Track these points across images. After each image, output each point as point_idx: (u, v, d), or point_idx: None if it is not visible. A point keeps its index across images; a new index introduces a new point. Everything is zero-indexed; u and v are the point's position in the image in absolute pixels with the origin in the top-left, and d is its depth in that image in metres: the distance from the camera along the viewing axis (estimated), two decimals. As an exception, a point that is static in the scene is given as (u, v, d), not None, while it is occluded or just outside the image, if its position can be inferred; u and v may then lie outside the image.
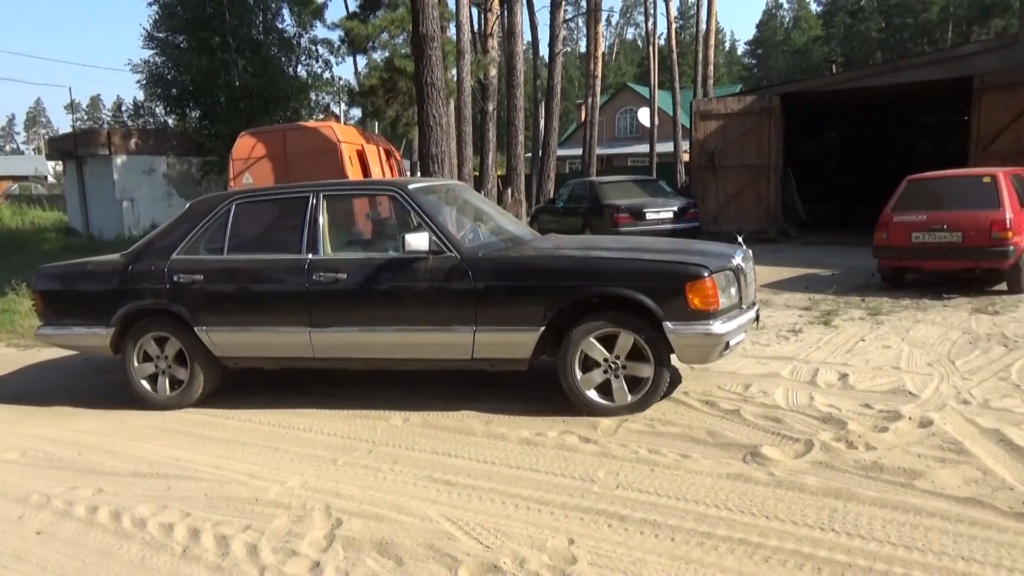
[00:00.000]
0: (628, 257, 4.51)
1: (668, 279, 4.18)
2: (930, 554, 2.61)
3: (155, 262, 4.94)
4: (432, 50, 9.10)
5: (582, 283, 4.28)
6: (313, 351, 4.72)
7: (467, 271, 4.40)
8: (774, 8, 78.79)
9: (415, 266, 4.47)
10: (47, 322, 5.32)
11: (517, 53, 16.62)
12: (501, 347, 4.45)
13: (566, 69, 54.71)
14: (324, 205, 4.82)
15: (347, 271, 4.58)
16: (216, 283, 4.82)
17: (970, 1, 59.36)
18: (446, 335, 4.45)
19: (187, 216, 5.12)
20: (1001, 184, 7.95)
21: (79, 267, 5.35)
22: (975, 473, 3.27)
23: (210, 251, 4.95)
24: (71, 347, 5.57)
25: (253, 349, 4.89)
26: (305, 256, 4.70)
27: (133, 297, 4.94)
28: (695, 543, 2.80)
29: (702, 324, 4.12)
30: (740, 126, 15.32)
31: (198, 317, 4.81)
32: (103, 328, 5.01)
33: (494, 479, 3.51)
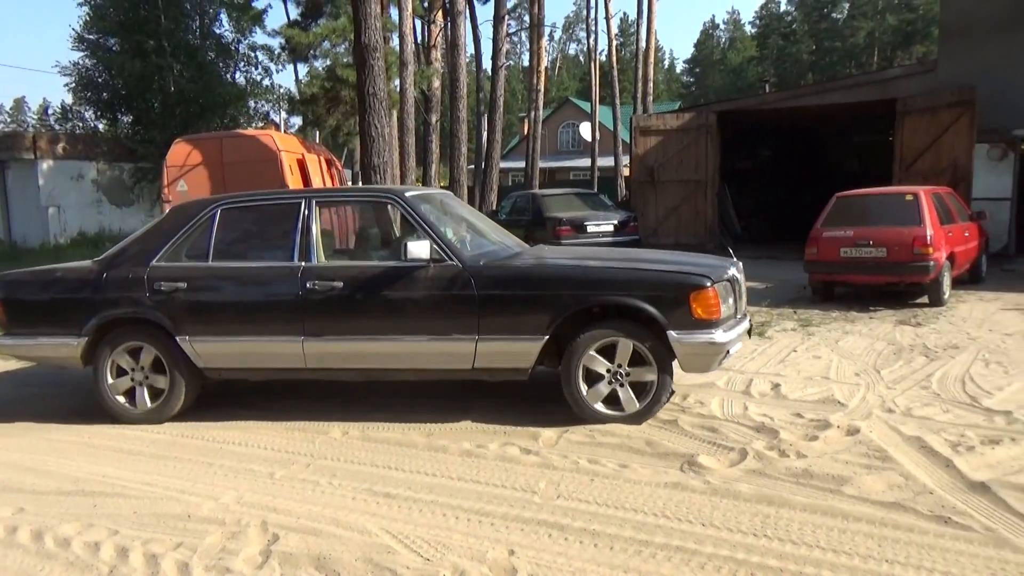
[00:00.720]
0: (632, 267, 4.50)
1: (673, 289, 4.22)
2: (856, 557, 2.71)
3: (133, 269, 4.70)
4: (375, 60, 9.06)
5: (588, 292, 4.28)
6: (305, 361, 4.57)
7: (469, 279, 4.35)
8: (711, 28, 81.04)
9: (415, 274, 4.40)
10: (8, 332, 4.97)
11: (460, 65, 16.66)
12: (503, 357, 4.40)
13: (509, 82, 55.15)
14: (317, 212, 4.69)
15: (343, 279, 4.47)
16: (201, 291, 4.63)
17: (894, 28, 62.25)
18: (447, 344, 4.38)
19: (167, 222, 4.90)
20: (923, 202, 8.34)
21: (46, 274, 5.06)
22: (898, 479, 3.40)
23: (193, 258, 4.74)
24: (35, 359, 5.20)
25: (240, 359, 4.70)
26: (298, 264, 4.56)
27: (108, 306, 4.70)
28: (633, 551, 2.84)
29: (705, 333, 4.17)
30: (679, 142, 15.68)
31: (181, 326, 4.61)
32: (73, 338, 4.74)
33: (435, 491, 3.49)
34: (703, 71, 76.86)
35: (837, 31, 66.76)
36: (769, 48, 70.81)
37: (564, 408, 4.67)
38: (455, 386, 5.27)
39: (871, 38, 63.83)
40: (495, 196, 20.21)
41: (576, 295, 4.26)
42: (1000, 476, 3.40)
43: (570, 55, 77.56)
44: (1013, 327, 7.05)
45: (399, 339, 4.43)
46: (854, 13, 66.71)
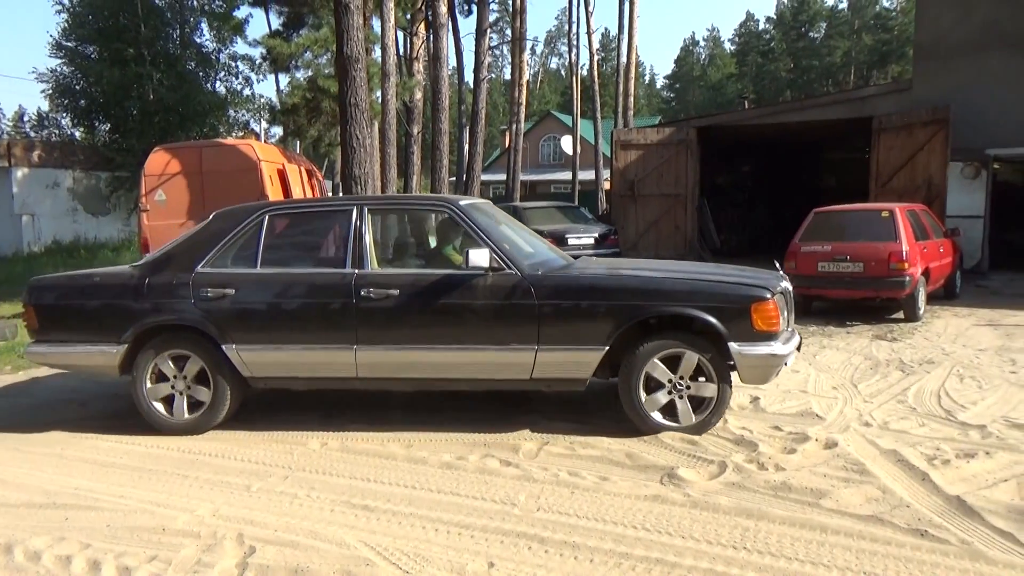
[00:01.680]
0: (693, 278, 4.46)
1: (734, 300, 4.22)
2: (835, 570, 2.72)
3: (177, 275, 4.59)
4: (356, 71, 9.05)
5: (650, 303, 4.25)
6: (357, 370, 4.48)
7: (529, 289, 4.30)
8: (691, 45, 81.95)
9: (474, 283, 4.34)
10: (41, 339, 4.82)
11: (442, 77, 16.70)
12: (563, 367, 4.36)
13: (491, 95, 55.32)
14: (369, 219, 4.62)
15: (399, 287, 4.40)
16: (250, 298, 4.53)
17: (870, 48, 63.36)
18: (506, 354, 4.32)
19: (211, 227, 4.78)
20: (898, 219, 8.46)
21: (83, 279, 4.91)
22: (876, 492, 3.43)
23: (241, 264, 4.63)
24: (68, 367, 5.04)
25: (289, 368, 4.59)
26: (351, 271, 4.47)
27: (151, 312, 4.58)
28: (613, 564, 2.83)
29: (765, 345, 4.20)
30: (659, 156, 15.81)
31: (227, 334, 4.50)
32: (112, 346, 4.60)
33: (414, 504, 3.47)
34: (683, 87, 77.66)
35: (815, 50, 67.85)
36: (748, 65, 71.78)
37: (544, 420, 4.68)
38: (434, 396, 5.25)
39: (848, 57, 64.93)
40: (476, 208, 20.22)
41: (638, 305, 4.24)
42: (975, 489, 3.44)
43: (552, 69, 78.04)
44: (986, 342, 7.16)
45: (456, 348, 4.37)
46: (831, 32, 67.88)
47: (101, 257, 16.95)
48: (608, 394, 5.21)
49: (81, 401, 5.62)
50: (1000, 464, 3.77)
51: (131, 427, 4.80)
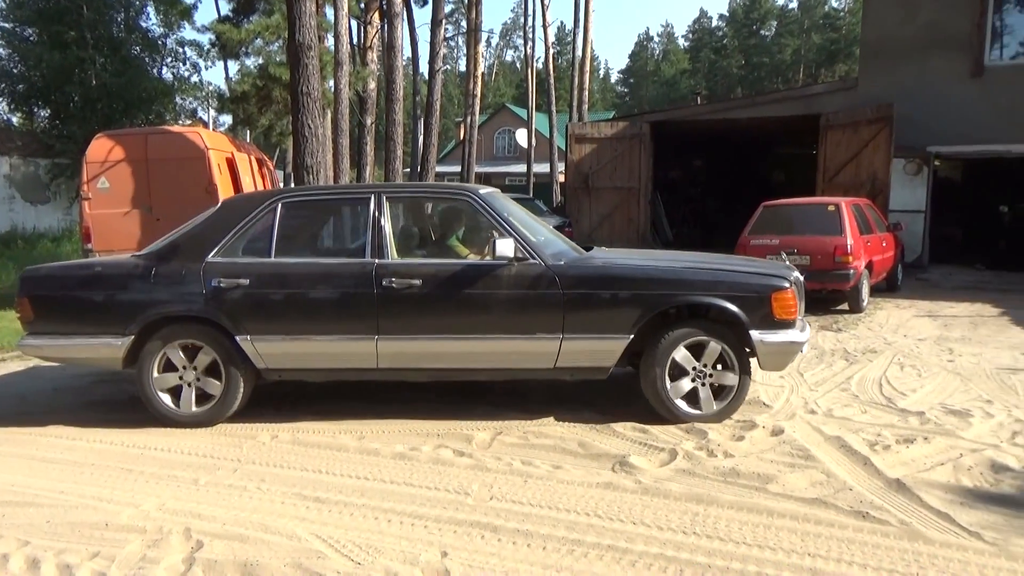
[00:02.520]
0: (715, 268, 4.53)
1: (756, 289, 4.33)
2: (780, 552, 2.79)
3: (186, 265, 4.45)
4: (309, 59, 8.90)
5: (674, 292, 4.31)
6: (378, 361, 4.42)
7: (555, 279, 4.31)
8: (645, 40, 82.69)
9: (498, 272, 4.32)
10: (37, 332, 4.62)
11: (397, 68, 16.53)
12: (588, 355, 4.39)
13: (446, 87, 55.02)
14: (387, 207, 4.52)
15: (422, 277, 4.34)
16: (266, 288, 4.40)
17: (819, 46, 64.80)
18: (530, 343, 4.33)
19: (221, 215, 4.64)
20: (844, 213, 8.69)
21: (83, 269, 4.74)
22: (820, 476, 3.53)
23: (254, 254, 4.50)
24: (67, 360, 4.85)
25: (306, 360, 4.50)
26: (372, 260, 4.39)
27: (159, 303, 4.43)
28: (566, 550, 2.85)
29: (785, 332, 4.32)
30: (613, 150, 15.93)
31: (241, 325, 4.38)
32: (117, 338, 4.45)
33: (367, 495, 3.44)
34: (637, 82, 78.37)
35: (765, 47, 69.14)
36: (701, 61, 72.76)
37: (497, 410, 4.68)
38: (387, 387, 5.21)
39: (798, 55, 66.34)
40: (431, 200, 20.12)
41: (663, 295, 4.30)
42: (914, 473, 3.56)
43: (507, 62, 78.00)
44: (926, 332, 7.41)
45: (481, 338, 4.34)
46: (782, 31, 69.24)
47: (41, 248, 16.37)
48: (559, 384, 5.25)
49: (21, 395, 5.43)
50: (937, 448, 3.91)
51: (75, 421, 4.66)
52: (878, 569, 2.65)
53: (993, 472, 3.57)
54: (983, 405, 4.76)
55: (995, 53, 13.13)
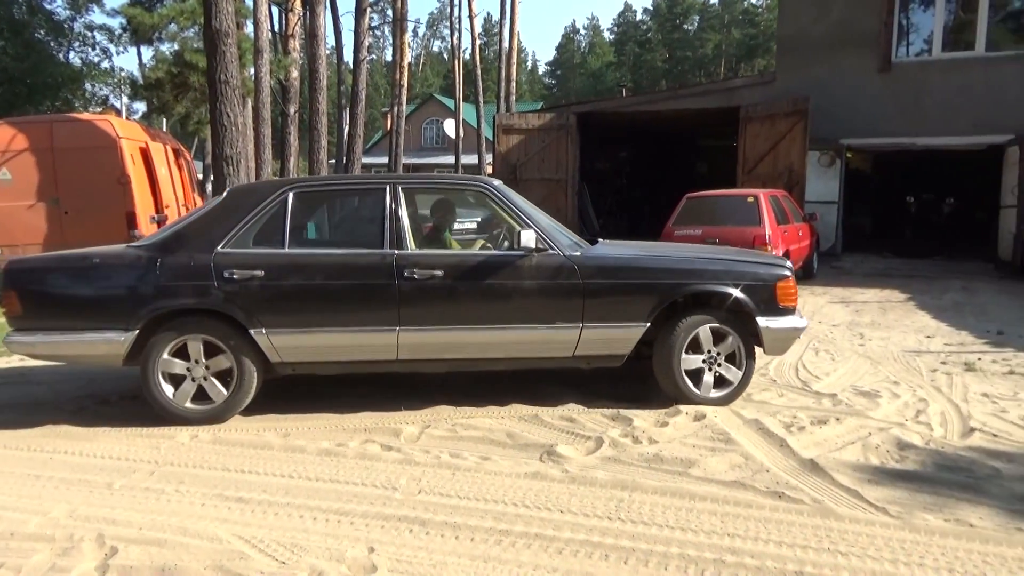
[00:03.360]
0: (723, 258, 4.74)
1: (762, 278, 4.55)
2: (701, 534, 2.87)
3: (194, 256, 4.26)
4: (226, 47, 8.61)
5: (687, 281, 4.46)
6: (398, 352, 4.37)
7: (574, 268, 4.39)
8: (572, 33, 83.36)
9: (519, 263, 4.37)
10: (26, 327, 4.32)
11: (320, 56, 16.17)
12: (606, 343, 4.47)
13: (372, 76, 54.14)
14: (403, 198, 4.46)
15: (443, 267, 4.34)
16: (282, 280, 4.27)
17: (739, 41, 66.63)
18: (551, 332, 4.39)
19: (229, 205, 4.46)
20: (762, 204, 8.98)
21: (78, 260, 4.42)
22: (739, 459, 3.64)
23: (264, 244, 4.36)
24: (62, 357, 4.52)
25: (324, 353, 4.39)
26: (391, 251, 4.34)
27: (166, 296, 4.23)
28: (494, 541, 2.87)
29: (787, 319, 4.58)
30: (540, 141, 16.01)
31: (255, 318, 4.24)
32: (119, 333, 4.22)
33: (291, 493, 3.37)
34: (564, 74, 78.99)
35: (688, 41, 70.69)
36: (626, 54, 73.86)
37: (427, 403, 4.66)
38: (313, 382, 5.12)
39: (719, 50, 68.07)
40: (358, 191, 19.83)
41: (678, 283, 4.46)
42: (826, 452, 3.72)
43: (434, 52, 77.34)
44: (839, 318, 7.74)
45: (503, 328, 4.37)
46: (703, 26, 70.90)
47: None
48: (489, 375, 5.26)
49: (-86, 400, 5.10)
50: (848, 428, 4.09)
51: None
52: (792, 546, 2.76)
53: (899, 449, 3.77)
54: (890, 386, 5.01)
55: (901, 50, 13.77)
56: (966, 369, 5.54)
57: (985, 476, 3.41)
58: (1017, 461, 3.60)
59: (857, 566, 2.61)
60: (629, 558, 2.71)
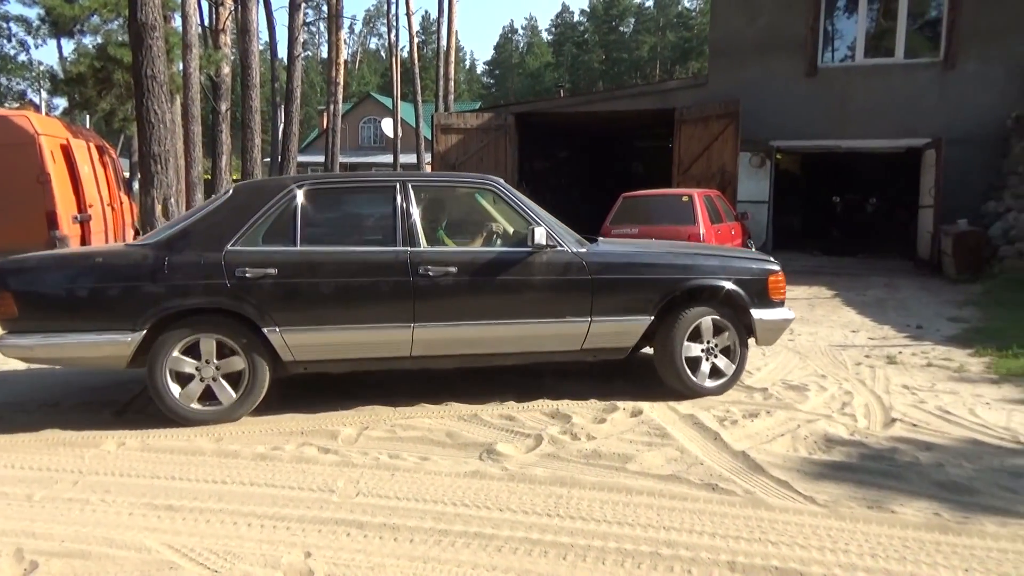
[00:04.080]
0: (720, 255, 5.01)
1: (756, 273, 4.84)
2: (638, 527, 2.92)
3: (203, 254, 4.19)
4: (153, 40, 8.34)
5: (688, 276, 4.67)
6: (412, 349, 4.41)
7: (583, 264, 4.53)
8: (510, 32, 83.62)
9: (531, 260, 4.47)
10: (21, 330, 4.15)
11: (253, 52, 15.80)
12: (613, 336, 4.63)
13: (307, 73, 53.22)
14: (413, 196, 4.50)
15: (457, 264, 4.40)
16: (296, 278, 4.25)
17: (673, 44, 67.94)
18: (561, 326, 4.52)
19: (235, 203, 4.41)
20: (696, 203, 9.17)
21: (80, 259, 4.32)
22: (675, 453, 3.72)
23: (276, 242, 4.32)
24: (61, 360, 4.38)
25: (338, 350, 4.39)
26: (405, 249, 4.37)
27: (175, 295, 4.14)
28: (433, 542, 2.85)
29: (778, 311, 4.88)
30: (479, 141, 16.00)
31: (268, 316, 4.20)
32: (126, 334, 4.11)
33: (224, 499, 3.29)
34: (503, 73, 79.15)
35: (624, 43, 71.72)
36: (564, 55, 74.49)
37: (365, 404, 4.61)
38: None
39: (654, 52, 69.27)
40: (293, 191, 19.46)
41: (680, 278, 4.66)
42: (758, 445, 3.83)
43: (371, 49, 76.50)
44: (769, 314, 7.96)
45: (514, 323, 4.47)
46: (639, 28, 72.06)
47: None
48: (426, 374, 5.23)
49: None
50: (778, 421, 4.22)
51: None
52: (725, 536, 2.83)
53: (826, 441, 3.90)
54: (818, 380, 5.19)
55: (827, 55, 14.26)
56: (888, 362, 5.78)
57: (905, 464, 3.57)
58: (935, 449, 3.77)
59: (787, 554, 2.69)
60: (568, 554, 2.73)
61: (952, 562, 2.63)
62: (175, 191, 8.91)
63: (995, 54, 12.61)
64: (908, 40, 13.52)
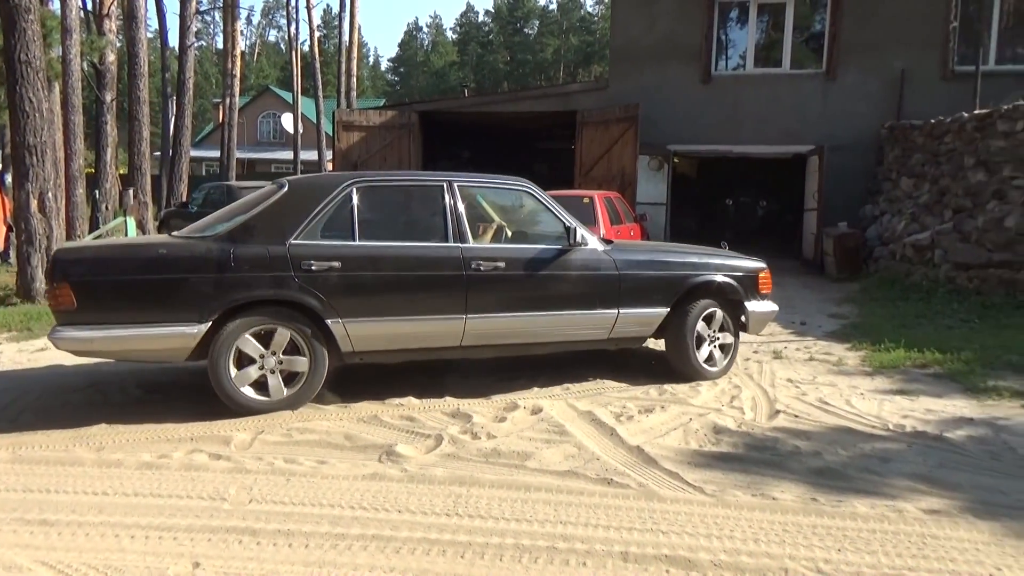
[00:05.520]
0: (718, 254, 5.62)
1: (749, 271, 5.51)
2: (535, 523, 2.96)
3: (268, 247, 4.30)
4: (27, 23, 7.79)
5: (699, 272, 5.26)
6: (463, 339, 4.67)
7: (613, 261, 5.00)
8: (414, 30, 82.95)
9: (568, 256, 4.88)
10: (79, 322, 4.05)
11: (140, 40, 15.03)
12: (636, 325, 5.12)
13: (201, 64, 51.14)
14: (459, 195, 4.78)
15: (504, 259, 4.71)
16: (359, 271, 4.43)
17: (576, 48, 69.13)
18: (594, 316, 4.94)
19: (294, 198, 4.53)
20: (597, 204, 9.37)
21: (143, 250, 4.36)
22: (572, 450, 3.79)
23: (336, 237, 4.48)
24: (121, 353, 4.29)
25: (396, 340, 4.59)
26: (457, 244, 4.65)
27: (241, 287, 4.21)
28: (329, 546, 2.80)
29: (766, 303, 5.58)
30: (382, 139, 15.81)
31: (332, 308, 4.34)
32: (192, 325, 4.13)
33: (106, 511, 3.11)
34: (408, 71, 78.46)
35: (529, 45, 72.43)
36: (469, 55, 74.53)
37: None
38: (132, 390, 4.76)
39: (558, 55, 70.26)
40: (186, 187, 18.66)
41: (691, 274, 5.23)
42: (652, 439, 3.95)
43: (271, 42, 74.26)
44: (665, 312, 8.23)
45: (553, 313, 4.84)
46: (543, 31, 72.94)
47: None
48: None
49: None
50: (671, 415, 4.38)
51: None
52: (619, 528, 2.91)
53: (715, 433, 4.08)
54: (709, 375, 5.40)
55: (721, 64, 14.88)
56: (774, 357, 6.09)
57: (787, 453, 3.77)
58: (814, 439, 4.01)
59: (676, 543, 2.79)
60: (466, 552, 2.74)
61: (827, 543, 2.80)
62: (53, 185, 8.34)
63: (871, 67, 13.50)
64: (794, 52, 14.29)
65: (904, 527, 2.95)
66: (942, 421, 4.37)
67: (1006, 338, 6.55)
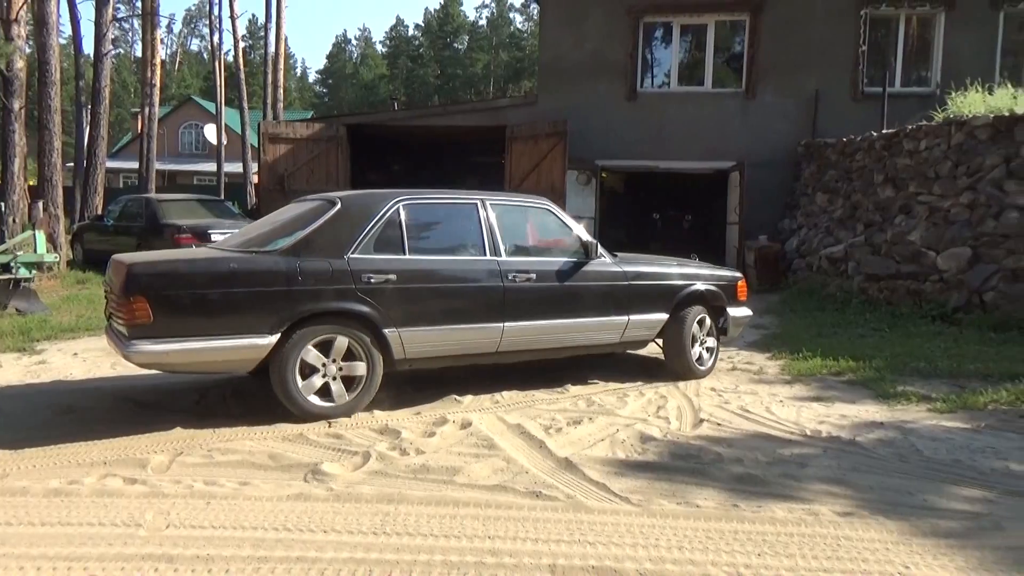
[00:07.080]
0: (704, 267, 6.28)
1: (730, 280, 6.24)
2: (464, 539, 2.95)
3: (330, 261, 4.52)
4: (-72, 26, 7.37)
5: (690, 282, 5.90)
6: (499, 345, 5.03)
7: (623, 272, 5.54)
8: (343, 42, 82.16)
9: (587, 267, 5.38)
10: (154, 335, 4.06)
11: (51, 46, 14.38)
12: (644, 329, 5.67)
13: (119, 73, 49.43)
14: (492, 212, 5.18)
15: (535, 272, 5.14)
16: (412, 283, 4.73)
17: (506, 63, 69.73)
18: (609, 321, 5.46)
19: (347, 214, 4.75)
20: (525, 217, 9.45)
21: (216, 264, 4.37)
22: (501, 463, 3.79)
23: (387, 251, 4.75)
24: (193, 365, 4.31)
25: (444, 347, 4.89)
26: (495, 258, 5.04)
27: (308, 299, 4.41)
28: (251, 569, 2.72)
29: (744, 309, 6.32)
30: (309, 151, 15.55)
31: (388, 318, 4.61)
32: (263, 337, 4.28)
33: (9, 543, 2.94)
34: (336, 83, 77.60)
35: (459, 60, 72.70)
36: (399, 68, 74.28)
37: (179, 428, 4.31)
38: (41, 411, 4.52)
39: (488, 70, 70.73)
40: (101, 199, 17.93)
41: (684, 284, 5.87)
42: (580, 450, 3.99)
43: (192, 51, 72.35)
44: (594, 325, 8.33)
45: (577, 319, 5.31)
46: (473, 46, 73.33)
47: None
48: (249, 392, 4.99)
49: None
50: (599, 427, 4.43)
51: None
52: (547, 541, 2.92)
53: (641, 443, 4.15)
54: (637, 386, 5.50)
55: (647, 81, 15.24)
56: (698, 367, 6.23)
57: (710, 461, 3.87)
58: (736, 446, 4.12)
59: (603, 553, 2.82)
60: (393, 570, 2.70)
61: (747, 548, 2.88)
62: (-45, 197, 7.88)
63: (788, 87, 14.07)
64: (716, 71, 14.75)
65: (820, 530, 3.06)
66: (855, 426, 4.56)
67: (913, 346, 6.90)
